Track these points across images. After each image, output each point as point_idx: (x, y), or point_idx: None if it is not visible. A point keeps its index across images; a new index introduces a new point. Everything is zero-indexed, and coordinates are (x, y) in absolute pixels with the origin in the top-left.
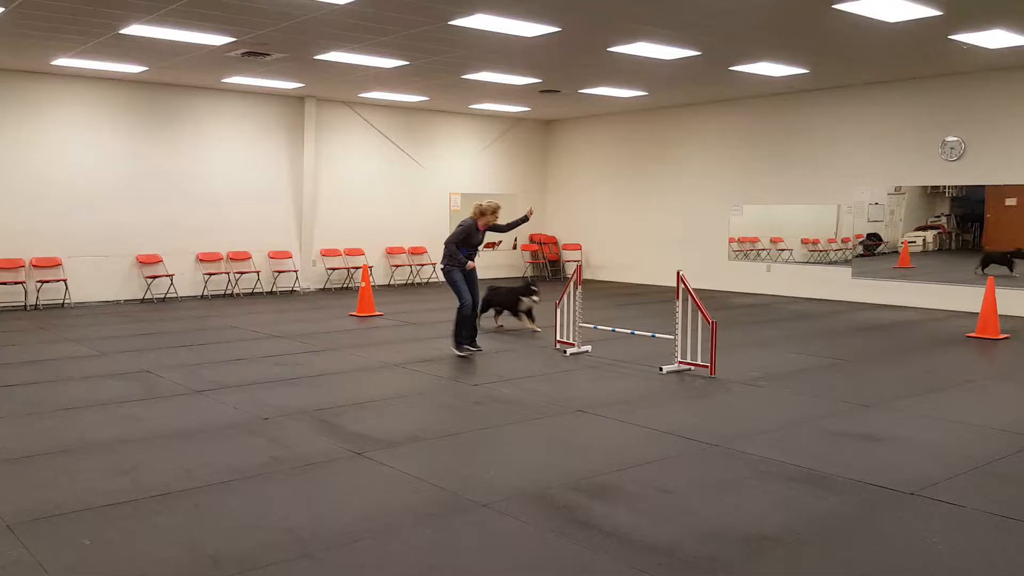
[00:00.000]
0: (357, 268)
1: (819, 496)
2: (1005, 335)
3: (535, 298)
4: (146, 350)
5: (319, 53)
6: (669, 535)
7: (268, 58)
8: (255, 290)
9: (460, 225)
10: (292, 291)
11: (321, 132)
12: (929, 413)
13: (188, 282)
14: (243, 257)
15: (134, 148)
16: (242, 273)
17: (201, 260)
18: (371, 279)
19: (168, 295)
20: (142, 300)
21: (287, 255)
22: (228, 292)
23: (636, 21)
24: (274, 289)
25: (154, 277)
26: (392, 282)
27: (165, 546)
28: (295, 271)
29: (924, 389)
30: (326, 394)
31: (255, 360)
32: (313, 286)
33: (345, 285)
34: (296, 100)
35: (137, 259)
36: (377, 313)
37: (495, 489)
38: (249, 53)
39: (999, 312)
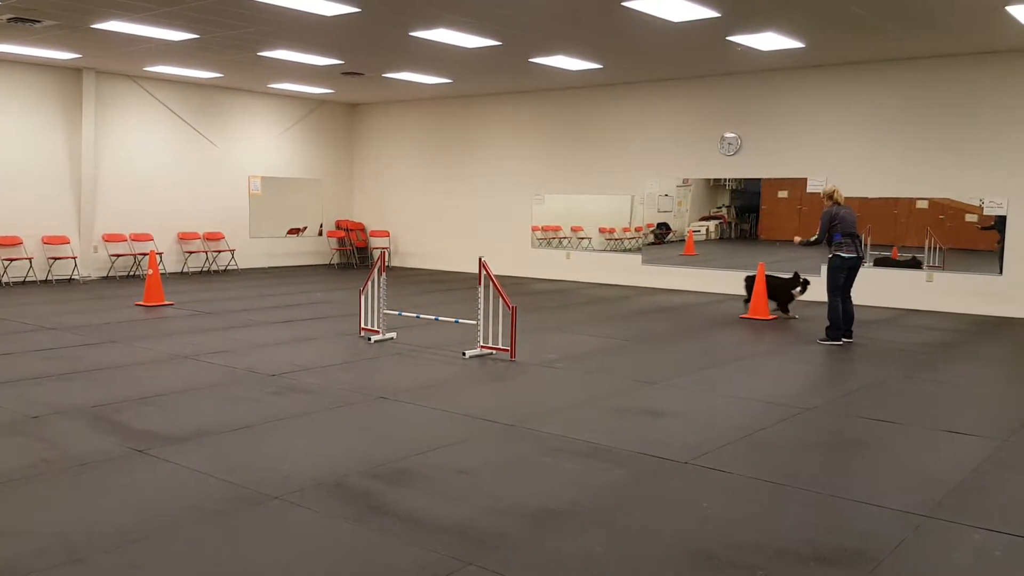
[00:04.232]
0: (145, 254)
1: (603, 469)
2: (774, 315)
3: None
4: None
5: (97, 21)
6: (462, 514)
7: (38, 25)
8: (27, 279)
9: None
10: (71, 279)
11: (103, 107)
12: (705, 388)
13: None
14: (12, 243)
15: None
16: (11, 260)
17: None
18: (160, 266)
19: None
20: None
21: (64, 240)
22: None
23: (435, 7)
24: (49, 277)
25: None
26: (186, 269)
27: None
28: (74, 258)
29: (701, 366)
30: (105, 390)
31: (24, 354)
32: (95, 274)
33: (132, 273)
34: (73, 72)
35: None
36: (167, 303)
37: (288, 481)
38: (16, 19)
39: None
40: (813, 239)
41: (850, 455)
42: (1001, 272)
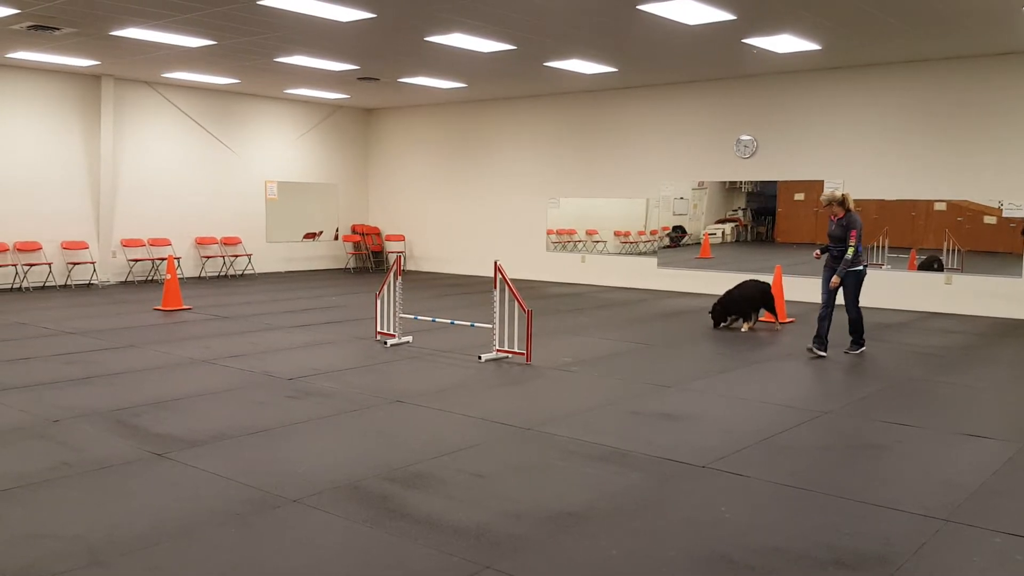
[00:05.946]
0: (163, 259)
1: (620, 472)
2: (791, 319)
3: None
4: None
5: (116, 29)
6: (478, 518)
7: (58, 32)
8: (47, 283)
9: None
10: (89, 284)
11: (121, 114)
12: (721, 392)
13: None
14: (32, 248)
15: None
16: (31, 265)
17: None
18: (178, 271)
19: None
20: None
21: (83, 245)
22: (15, 286)
23: (451, 12)
24: (69, 282)
25: None
26: (203, 274)
27: None
28: (92, 263)
29: (717, 370)
30: (125, 393)
31: (44, 359)
32: (113, 279)
33: (150, 278)
34: (92, 79)
35: None
36: (185, 307)
37: (306, 484)
38: (35, 27)
39: (786, 298)
40: (861, 254)
41: (868, 459)
42: (1021, 275)
